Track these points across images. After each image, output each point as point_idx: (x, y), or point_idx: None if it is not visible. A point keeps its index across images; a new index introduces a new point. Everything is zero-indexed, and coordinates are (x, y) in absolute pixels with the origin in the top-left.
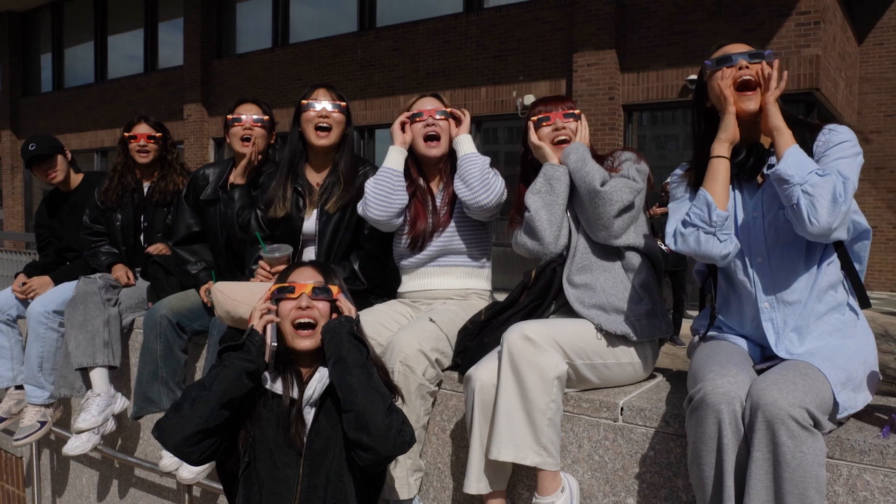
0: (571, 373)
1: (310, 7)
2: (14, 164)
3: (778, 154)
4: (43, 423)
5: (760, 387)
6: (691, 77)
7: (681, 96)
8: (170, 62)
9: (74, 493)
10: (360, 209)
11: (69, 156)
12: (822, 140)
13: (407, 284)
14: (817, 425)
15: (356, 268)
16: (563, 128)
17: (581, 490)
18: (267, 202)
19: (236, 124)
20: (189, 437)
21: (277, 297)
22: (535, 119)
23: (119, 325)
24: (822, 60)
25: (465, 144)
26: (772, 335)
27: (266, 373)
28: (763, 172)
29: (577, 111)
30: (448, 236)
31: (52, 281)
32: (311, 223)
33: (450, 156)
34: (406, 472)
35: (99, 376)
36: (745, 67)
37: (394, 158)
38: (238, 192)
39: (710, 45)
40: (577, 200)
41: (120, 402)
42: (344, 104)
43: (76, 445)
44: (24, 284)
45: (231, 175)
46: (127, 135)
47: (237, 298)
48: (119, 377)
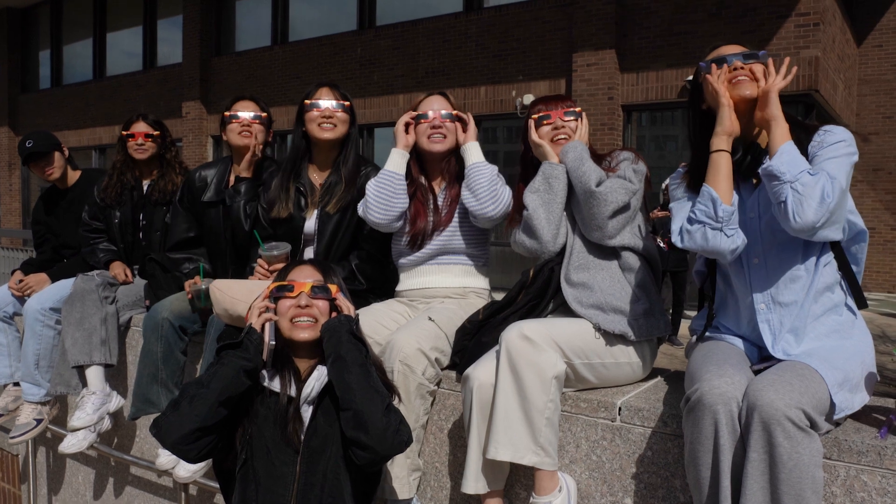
0: (570, 372)
1: (309, 5)
2: (12, 161)
3: (772, 147)
4: (39, 421)
5: (757, 387)
6: (691, 78)
7: (680, 97)
8: (169, 59)
9: (70, 490)
10: (360, 211)
11: (66, 153)
12: (817, 140)
13: (405, 283)
14: (814, 426)
15: (355, 267)
16: (564, 126)
17: (578, 490)
18: (270, 202)
19: (234, 121)
20: (187, 434)
21: (276, 295)
22: (535, 117)
23: (116, 323)
24: (821, 62)
25: (474, 153)
26: (768, 336)
27: (264, 371)
28: (759, 172)
29: (578, 109)
30: (448, 236)
31: (49, 278)
32: (311, 223)
33: (454, 157)
34: (405, 471)
35: (94, 374)
36: (741, 68)
37: (395, 162)
38: (244, 186)
39: (709, 45)
40: (573, 199)
41: (115, 401)
42: (348, 104)
43: (72, 444)
44: (20, 282)
45: (233, 171)
46: (125, 133)
47: (236, 296)
48: (115, 375)
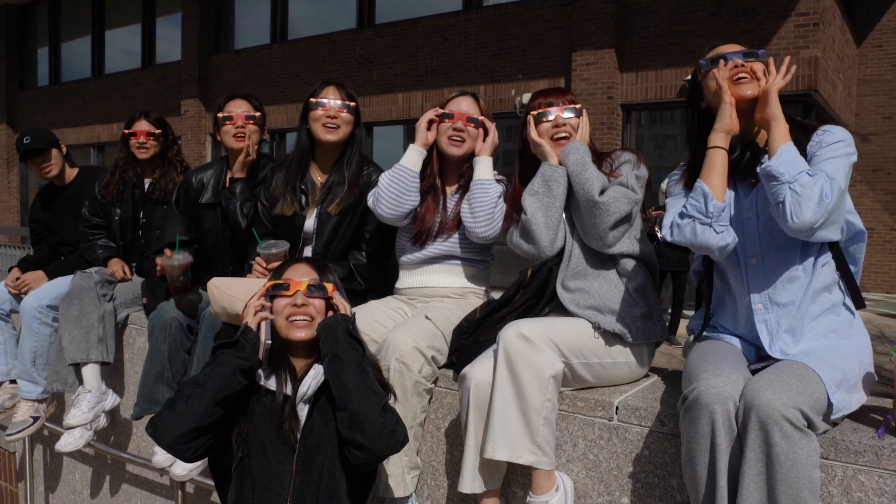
0: (567, 372)
1: (309, 3)
2: (10, 159)
3: (772, 147)
4: (36, 419)
5: (754, 387)
6: (690, 77)
7: (679, 96)
8: (167, 57)
9: (67, 488)
10: (370, 202)
11: (64, 150)
12: (816, 140)
13: (405, 280)
14: (811, 426)
15: (353, 267)
16: (564, 124)
17: (575, 489)
18: (272, 200)
19: (228, 122)
20: (183, 434)
21: (272, 293)
22: (535, 113)
23: (114, 320)
24: (820, 62)
25: (484, 168)
26: (765, 336)
27: (260, 369)
28: (757, 172)
29: (579, 105)
30: (450, 244)
31: (46, 276)
32: (310, 222)
33: (471, 162)
34: (402, 469)
35: (91, 372)
36: (741, 66)
37: (412, 158)
38: (240, 186)
39: (708, 45)
40: (573, 203)
41: (111, 399)
42: (353, 104)
43: (69, 442)
44: (17, 279)
45: (228, 171)
46: (127, 131)
47: (233, 294)
48: (112, 373)
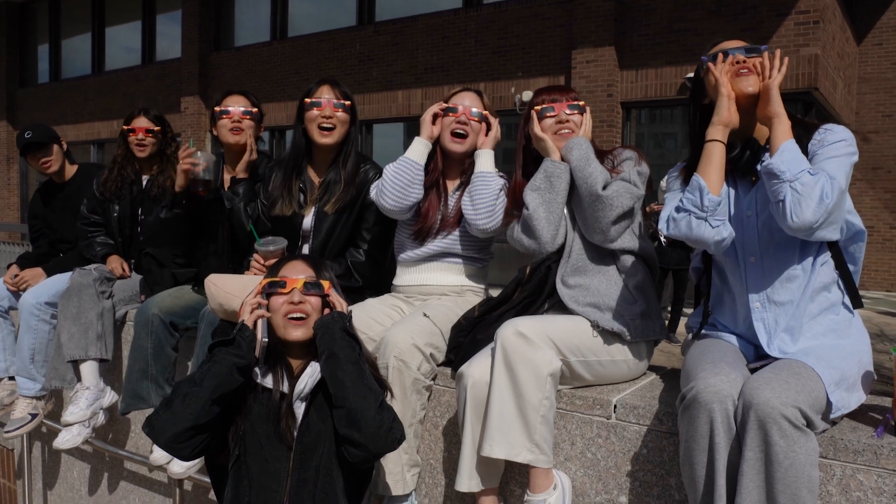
0: (565, 369)
1: (309, 1)
2: (10, 156)
3: (773, 144)
4: (34, 416)
5: (753, 386)
6: (690, 75)
7: (679, 94)
8: (168, 54)
9: (66, 485)
10: (373, 194)
11: (65, 146)
12: (818, 139)
13: (403, 278)
14: (810, 425)
15: (351, 265)
16: (567, 120)
17: (573, 488)
18: (271, 201)
19: (224, 116)
20: (180, 433)
21: (268, 291)
22: (538, 109)
23: (112, 317)
24: (820, 60)
25: (485, 161)
26: (763, 335)
27: (257, 367)
28: (757, 170)
29: (582, 103)
30: (451, 240)
31: (45, 273)
32: (308, 220)
33: (474, 161)
34: (402, 467)
35: (89, 369)
36: (743, 61)
37: (417, 150)
38: (243, 188)
39: (709, 43)
40: (575, 199)
41: (109, 396)
42: (348, 103)
43: (67, 439)
44: (16, 276)
45: (225, 169)
46: (126, 128)
47: (231, 291)
48: (111, 371)
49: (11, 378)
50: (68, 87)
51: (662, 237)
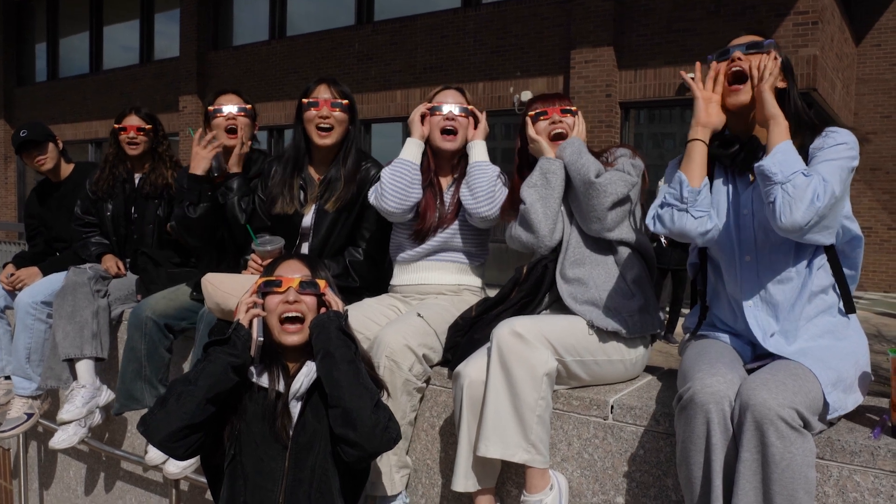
0: (562, 370)
1: (307, 0)
2: (7, 154)
3: (769, 146)
4: (30, 415)
5: (750, 386)
6: (690, 74)
7: (678, 94)
8: (166, 53)
9: (62, 485)
10: (372, 199)
11: (61, 145)
12: (820, 141)
13: (400, 277)
14: (807, 426)
15: (349, 264)
16: (560, 122)
17: (570, 488)
18: (272, 198)
19: (219, 115)
20: (175, 432)
21: (264, 290)
22: (532, 114)
23: (108, 316)
24: (819, 61)
25: (478, 151)
26: (758, 331)
27: (252, 367)
28: (753, 168)
29: (574, 108)
30: (449, 234)
31: (41, 272)
32: (308, 218)
33: (463, 155)
34: (391, 468)
35: (84, 368)
36: (738, 59)
37: (411, 151)
38: (236, 182)
39: (708, 43)
40: (571, 193)
41: (105, 395)
42: (346, 102)
43: (63, 439)
44: (11, 275)
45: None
46: (117, 126)
47: (227, 291)
48: (107, 369)
49: (7, 377)
50: (66, 85)
51: (663, 238)
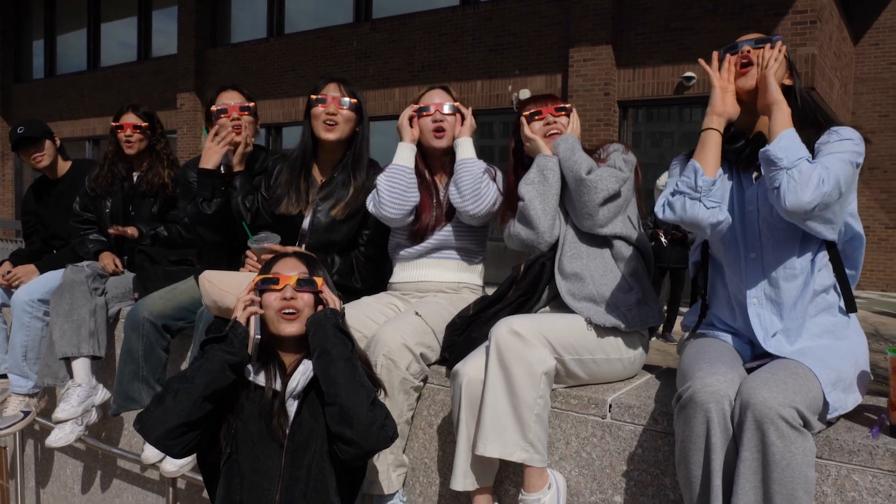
0: (560, 368)
1: None
2: (4, 152)
3: (772, 132)
4: (27, 413)
5: (750, 386)
6: (687, 74)
7: (676, 93)
8: (163, 51)
9: (59, 484)
10: (370, 207)
11: (58, 142)
12: (824, 139)
13: (399, 275)
14: (807, 425)
15: (355, 264)
16: (555, 122)
17: (568, 487)
18: (276, 198)
19: (223, 115)
20: (171, 429)
21: (261, 288)
22: (527, 114)
23: (105, 315)
24: (817, 60)
25: (464, 148)
26: (759, 330)
27: (249, 365)
28: (758, 165)
29: (569, 105)
30: (447, 232)
31: (38, 269)
32: (306, 220)
33: (453, 153)
34: (388, 467)
35: (81, 366)
36: (748, 52)
37: (404, 155)
38: (240, 180)
39: (706, 42)
40: (567, 194)
41: (101, 393)
42: (355, 101)
43: (60, 437)
44: (8, 273)
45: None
46: (114, 124)
47: (224, 288)
48: (103, 368)
49: (3, 376)
50: (64, 82)
51: (663, 237)
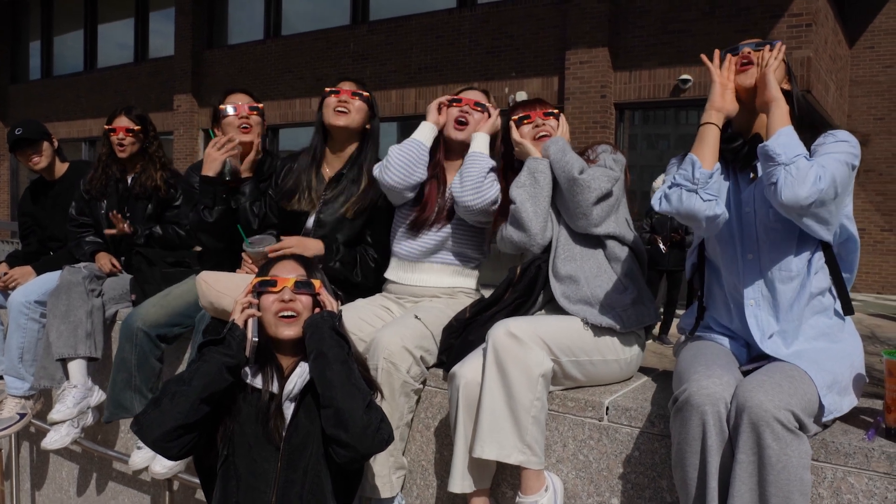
0: (557, 370)
1: None
2: (1, 153)
3: (771, 128)
4: (22, 415)
5: (746, 388)
6: (683, 76)
7: (672, 96)
8: (160, 52)
9: (54, 486)
10: (376, 172)
11: (56, 144)
12: (820, 140)
13: (397, 274)
14: (802, 428)
15: (359, 257)
16: (544, 125)
17: (565, 490)
18: (288, 193)
19: (231, 114)
20: (169, 432)
21: (259, 290)
22: (515, 118)
23: (102, 316)
24: (813, 63)
25: (478, 142)
26: (756, 331)
27: (247, 367)
28: (755, 166)
29: (556, 110)
30: (447, 234)
31: (34, 271)
32: (310, 218)
33: None
34: (388, 469)
35: (77, 368)
36: (748, 54)
37: (424, 133)
38: (249, 186)
39: (702, 45)
40: (558, 195)
41: (97, 395)
42: (367, 94)
43: (55, 439)
44: (5, 274)
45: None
46: (107, 127)
47: (221, 290)
48: (100, 370)
49: (0, 378)
50: (60, 83)
51: (661, 244)
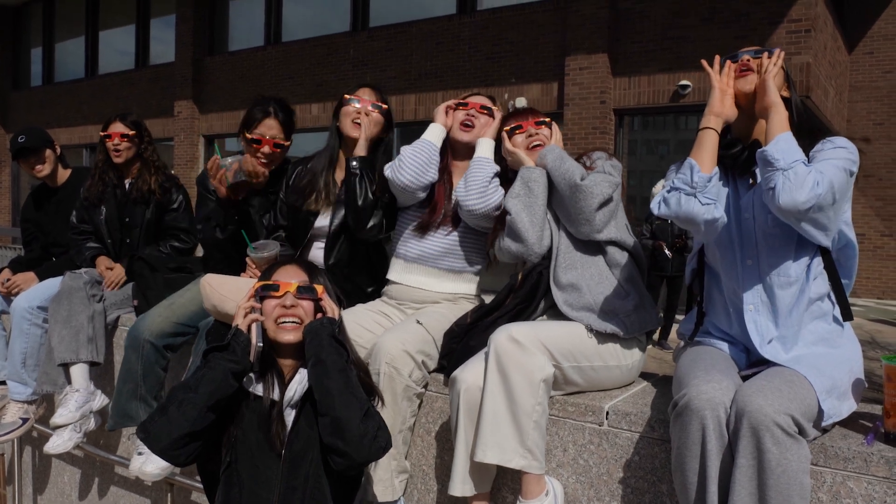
0: (559, 375)
1: (303, 6)
2: (1, 159)
3: (769, 134)
4: (25, 420)
5: (746, 393)
6: (683, 82)
7: (672, 101)
8: (161, 58)
9: (56, 491)
10: (387, 172)
11: (59, 150)
12: (818, 147)
13: (399, 275)
14: (802, 432)
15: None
16: (536, 134)
17: (565, 494)
18: (304, 193)
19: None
20: (177, 439)
21: (262, 294)
22: (507, 129)
23: (104, 321)
24: (812, 68)
25: (483, 147)
26: (755, 336)
27: (251, 373)
28: (754, 172)
29: (548, 119)
30: (453, 241)
31: (37, 277)
32: (324, 220)
33: None
34: (390, 474)
35: (79, 372)
36: (748, 61)
37: (434, 133)
38: (258, 200)
39: (702, 51)
40: (556, 199)
41: (99, 399)
42: (385, 106)
43: (58, 444)
44: (7, 280)
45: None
46: (102, 134)
47: (225, 294)
48: (102, 375)
49: (2, 382)
50: (62, 90)
51: (667, 250)
